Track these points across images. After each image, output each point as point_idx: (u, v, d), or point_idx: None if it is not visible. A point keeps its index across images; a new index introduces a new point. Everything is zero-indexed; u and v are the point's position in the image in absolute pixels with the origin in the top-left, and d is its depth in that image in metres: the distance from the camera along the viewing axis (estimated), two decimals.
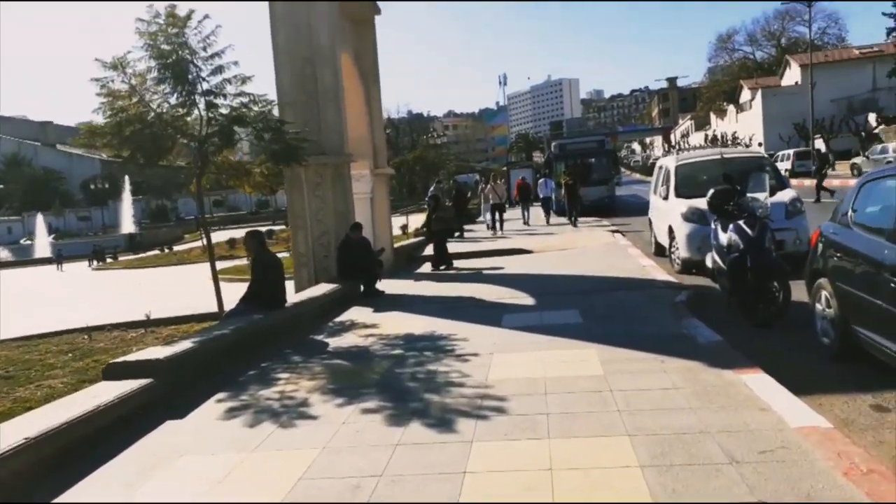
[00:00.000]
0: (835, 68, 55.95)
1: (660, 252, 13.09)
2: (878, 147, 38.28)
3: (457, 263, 14.84)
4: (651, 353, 5.63)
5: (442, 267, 13.85)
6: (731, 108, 70.01)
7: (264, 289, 7.84)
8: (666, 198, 11.61)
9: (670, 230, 11.20)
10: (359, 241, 11.28)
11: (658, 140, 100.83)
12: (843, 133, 49.51)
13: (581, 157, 28.52)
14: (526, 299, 9.27)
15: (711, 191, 8.41)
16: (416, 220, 26.31)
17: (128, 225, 67.92)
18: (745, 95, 65.78)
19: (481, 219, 28.11)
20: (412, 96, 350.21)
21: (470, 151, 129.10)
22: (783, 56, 69.47)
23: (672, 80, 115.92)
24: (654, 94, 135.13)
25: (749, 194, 7.75)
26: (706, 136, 70.10)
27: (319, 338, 7.71)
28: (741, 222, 7.23)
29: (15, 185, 77.58)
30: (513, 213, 26.45)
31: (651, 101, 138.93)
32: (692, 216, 10.49)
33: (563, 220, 23.74)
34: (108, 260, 45.93)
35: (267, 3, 11.41)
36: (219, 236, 41.46)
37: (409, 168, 34.23)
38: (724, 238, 7.67)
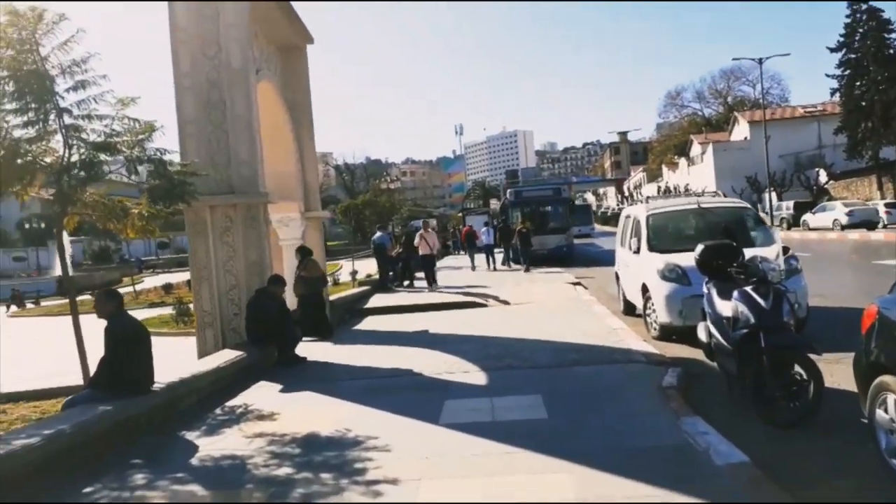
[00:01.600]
0: (781, 125, 57.03)
1: (629, 311, 11.48)
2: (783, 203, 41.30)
3: (402, 318, 13.02)
4: (653, 485, 3.81)
5: (310, 338, 10.35)
6: (682, 162, 70.88)
7: (120, 369, 5.77)
8: (637, 251, 10.01)
9: (644, 289, 9.56)
10: (275, 298, 9.32)
11: (611, 191, 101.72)
12: (794, 187, 50.29)
13: (537, 205, 27.36)
14: (475, 375, 7.41)
15: (701, 247, 6.76)
16: (366, 266, 24.25)
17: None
18: (696, 150, 66.77)
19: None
20: (371, 143, 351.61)
21: (427, 198, 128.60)
22: (730, 113, 71.11)
23: (623, 134, 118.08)
24: (605, 147, 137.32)
25: (753, 252, 6.17)
26: (659, 187, 70.69)
27: (192, 437, 5.65)
28: (749, 289, 5.57)
29: None
30: (464, 261, 25.59)
31: (603, 153, 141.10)
32: (671, 274, 8.89)
33: (513, 266, 24.14)
34: (30, 305, 42.27)
35: (167, 8, 9.57)
36: (157, 280, 38.77)
37: (357, 212, 32.33)
38: (723, 307, 6.01)
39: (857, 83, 44.81)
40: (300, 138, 13.43)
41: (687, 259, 8.80)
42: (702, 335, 6.58)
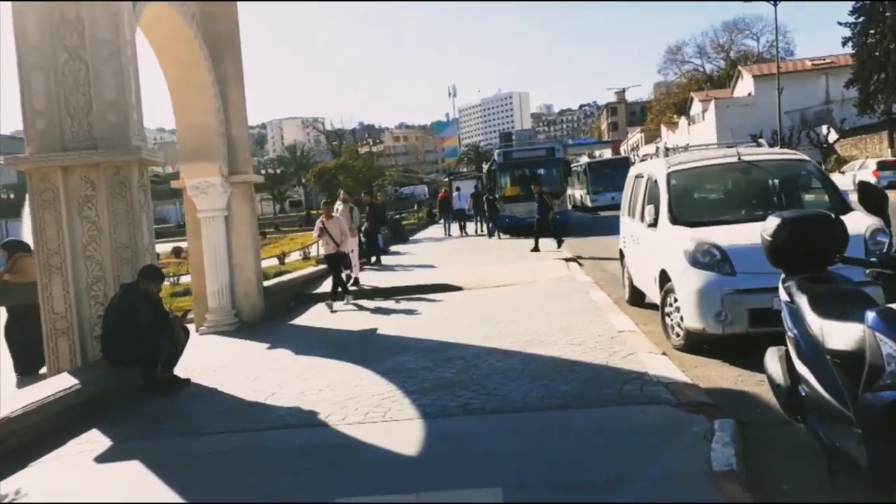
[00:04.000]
0: (788, 80, 53.54)
1: (636, 300, 8.85)
2: None
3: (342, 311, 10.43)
4: None
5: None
6: (682, 121, 67.71)
7: None
8: (654, 224, 7.25)
9: (664, 277, 6.84)
10: (147, 297, 6.61)
11: (608, 153, 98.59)
12: (802, 145, 47.47)
13: (528, 168, 24.47)
14: (406, 427, 4.73)
15: (777, 220, 3.93)
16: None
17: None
18: (697, 108, 63.59)
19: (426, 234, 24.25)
20: (364, 108, 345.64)
21: (419, 163, 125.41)
22: (732, 68, 67.76)
23: (621, 93, 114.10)
24: (602, 108, 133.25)
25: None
26: (657, 148, 67.68)
27: None
28: None
29: None
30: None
31: (600, 114, 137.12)
32: (705, 258, 6.15)
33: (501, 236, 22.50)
34: None
35: None
36: None
37: (329, 177, 29.08)
38: (832, 334, 3.28)
39: (872, 31, 41.82)
40: (224, 81, 10.53)
41: (728, 235, 6.13)
42: (775, 372, 3.86)
